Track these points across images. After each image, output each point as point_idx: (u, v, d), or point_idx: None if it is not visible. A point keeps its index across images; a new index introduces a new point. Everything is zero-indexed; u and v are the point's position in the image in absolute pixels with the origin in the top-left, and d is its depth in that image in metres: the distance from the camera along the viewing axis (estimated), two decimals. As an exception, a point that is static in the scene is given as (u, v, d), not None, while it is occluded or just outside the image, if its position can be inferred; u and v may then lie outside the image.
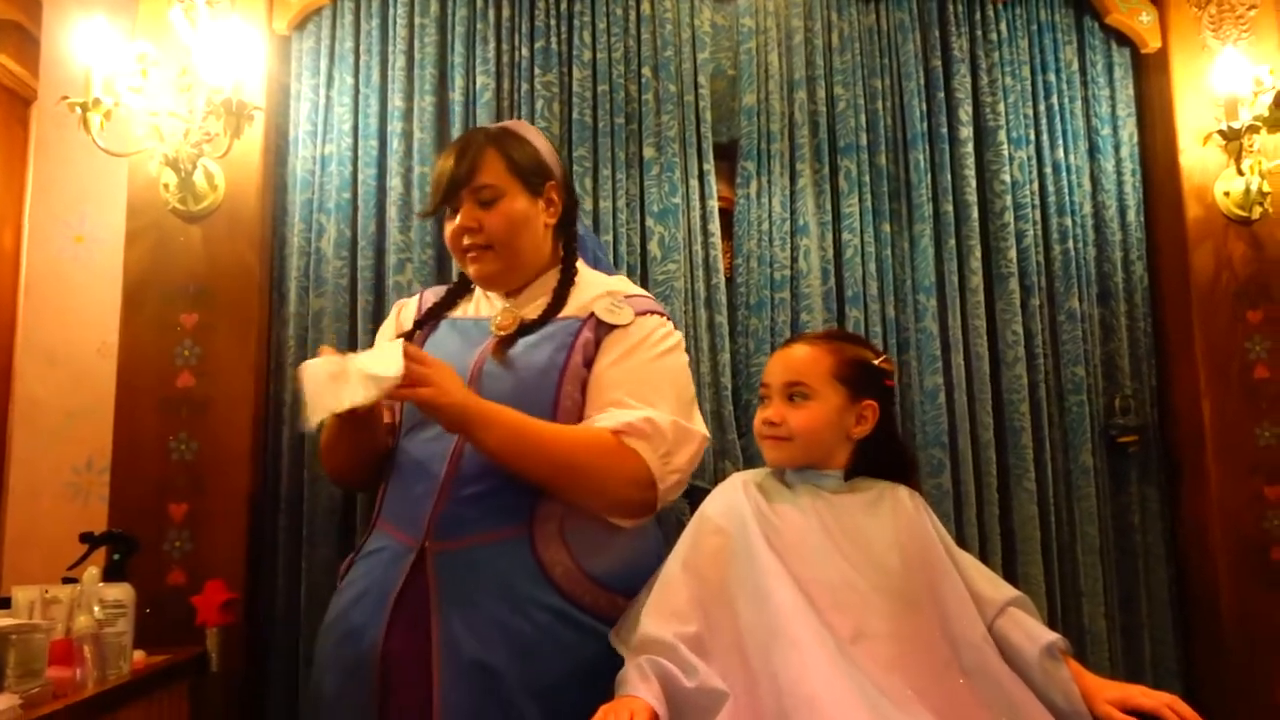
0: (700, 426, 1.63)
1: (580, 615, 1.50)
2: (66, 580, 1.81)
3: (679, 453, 1.56)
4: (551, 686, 1.44)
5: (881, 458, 1.57)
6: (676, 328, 2.07)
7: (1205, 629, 2.31)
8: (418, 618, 1.49)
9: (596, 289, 1.71)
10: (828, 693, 1.23)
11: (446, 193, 1.67)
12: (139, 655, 1.76)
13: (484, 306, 1.75)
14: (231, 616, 1.98)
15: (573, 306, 1.67)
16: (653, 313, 1.69)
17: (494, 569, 1.50)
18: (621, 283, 1.77)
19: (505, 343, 1.63)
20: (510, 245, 1.66)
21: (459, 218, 1.66)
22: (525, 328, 1.65)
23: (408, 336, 1.72)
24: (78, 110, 1.98)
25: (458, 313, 1.77)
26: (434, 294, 1.84)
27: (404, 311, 1.83)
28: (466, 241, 1.67)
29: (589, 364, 1.62)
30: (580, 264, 1.78)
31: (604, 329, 1.63)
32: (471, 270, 1.71)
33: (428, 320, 1.77)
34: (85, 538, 1.90)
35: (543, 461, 1.51)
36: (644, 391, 1.58)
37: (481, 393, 1.55)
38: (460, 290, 1.81)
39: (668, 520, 1.93)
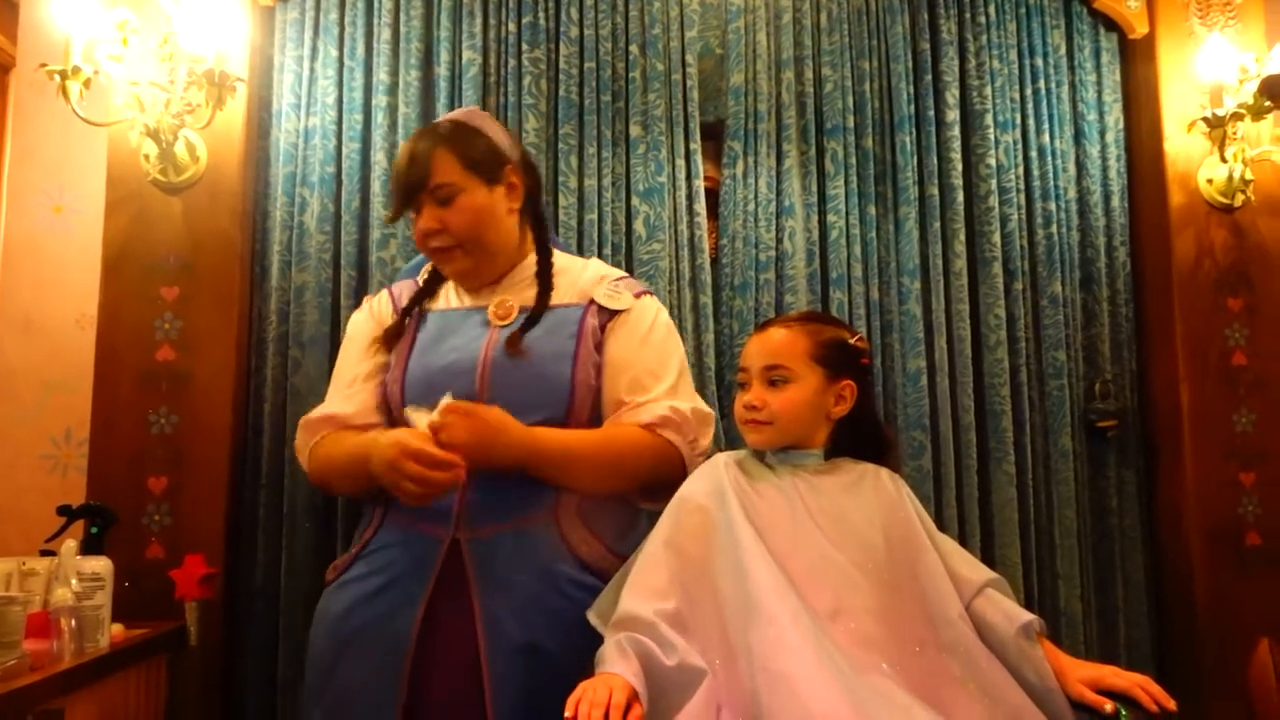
0: (705, 404, 1.70)
1: (602, 586, 1.53)
2: (44, 553, 1.80)
3: (703, 436, 1.65)
4: (589, 656, 1.45)
5: (861, 437, 1.59)
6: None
7: (1179, 612, 2.34)
8: (456, 605, 1.51)
9: (588, 274, 1.73)
10: (801, 669, 1.24)
11: (404, 197, 1.67)
12: (118, 628, 1.76)
13: (466, 295, 1.74)
14: (211, 591, 1.97)
15: (571, 294, 1.69)
16: (646, 293, 1.74)
17: (528, 551, 1.53)
18: (604, 266, 1.79)
19: (512, 333, 1.63)
20: (477, 240, 1.65)
21: (421, 221, 1.66)
22: (527, 317, 1.65)
23: (395, 329, 1.72)
24: (56, 78, 1.95)
25: (440, 304, 1.75)
26: (404, 288, 1.81)
27: (377, 305, 1.79)
28: (433, 244, 1.66)
29: (599, 347, 1.65)
30: (555, 254, 1.77)
31: (606, 314, 1.67)
32: (445, 270, 1.71)
33: (410, 312, 1.75)
34: (63, 510, 1.89)
35: (592, 474, 1.57)
36: (657, 372, 1.65)
37: (494, 385, 1.58)
38: (437, 279, 1.79)
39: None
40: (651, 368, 1.65)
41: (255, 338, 2.20)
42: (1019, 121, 2.45)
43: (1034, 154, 2.45)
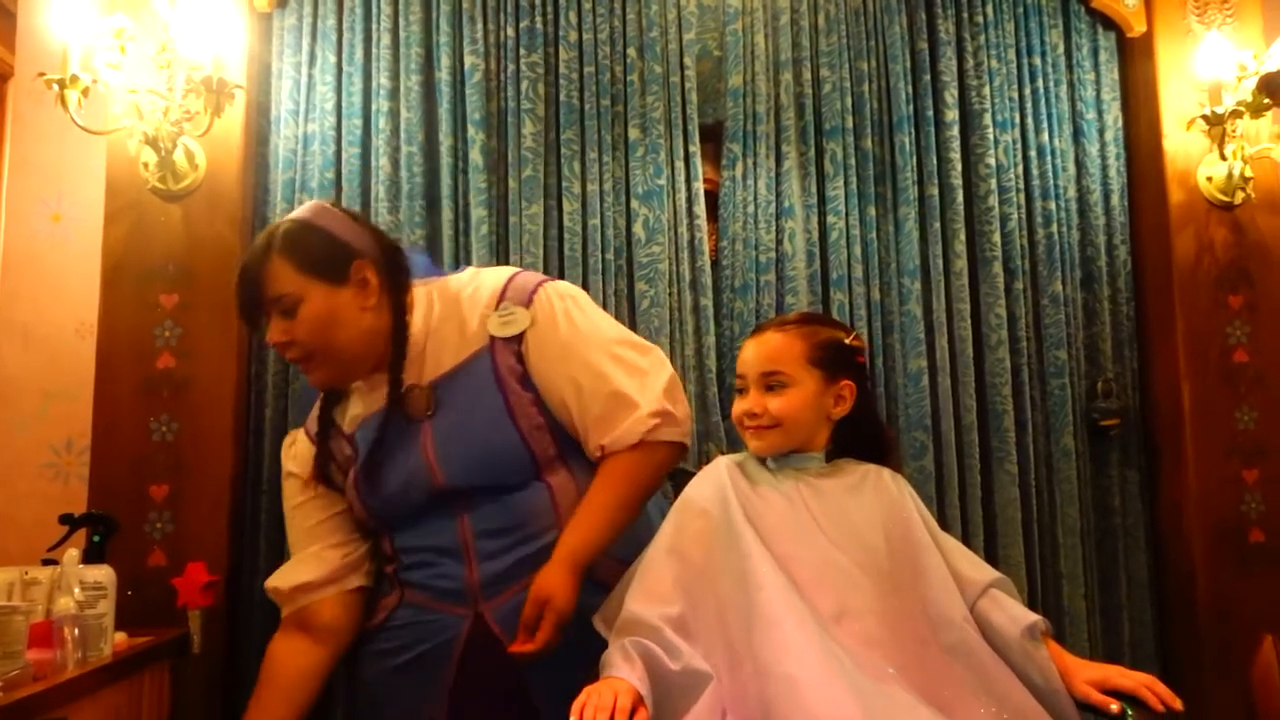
0: (658, 357, 1.64)
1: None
2: (46, 562, 1.80)
3: (680, 403, 1.62)
4: None
5: (861, 437, 1.59)
6: (659, 310, 2.07)
7: (1182, 610, 2.33)
8: (490, 671, 1.54)
9: (475, 307, 1.63)
10: (806, 672, 1.24)
11: (248, 316, 1.61)
12: (120, 637, 1.76)
13: (370, 403, 1.65)
14: (213, 598, 1.97)
15: (469, 341, 1.62)
16: (538, 289, 1.63)
17: None
18: (488, 282, 1.66)
19: (439, 416, 1.59)
20: (329, 347, 1.57)
21: (269, 335, 1.59)
22: (442, 386, 1.61)
23: (321, 468, 1.67)
24: (55, 87, 1.95)
25: (357, 408, 1.66)
26: (313, 415, 1.72)
27: (299, 452, 1.72)
28: (289, 356, 1.60)
29: (523, 382, 1.60)
30: (420, 289, 1.68)
31: (514, 343, 1.60)
32: (310, 382, 1.65)
33: (327, 440, 1.67)
34: (65, 519, 1.88)
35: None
36: (599, 369, 1.58)
37: (451, 479, 1.57)
38: (333, 399, 1.70)
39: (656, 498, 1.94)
40: (593, 368, 1.58)
41: (255, 344, 2.20)
42: (1018, 121, 2.45)
43: (1033, 153, 2.44)
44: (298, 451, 1.72)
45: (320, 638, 1.65)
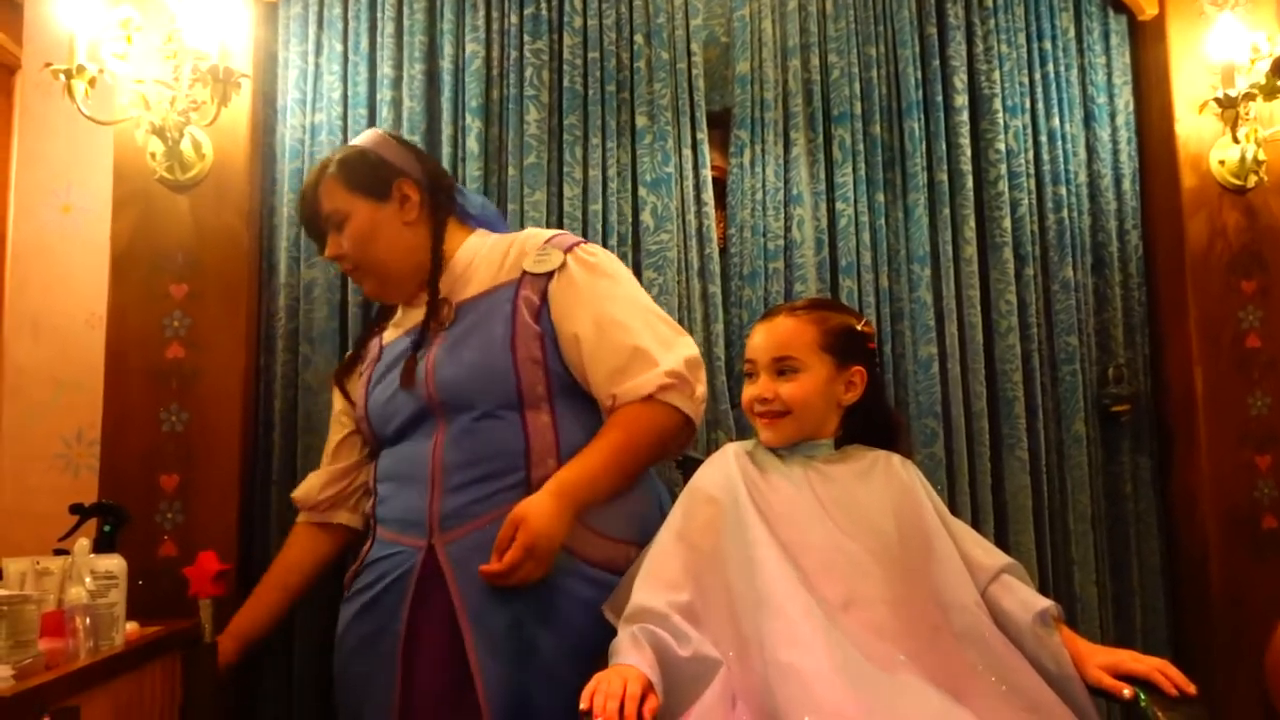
0: (689, 341, 1.68)
1: (593, 570, 1.55)
2: (58, 552, 1.80)
3: (700, 383, 1.64)
4: (582, 645, 1.49)
5: (871, 423, 1.58)
6: (667, 297, 2.07)
7: (1195, 596, 2.32)
8: (440, 610, 1.54)
9: (518, 246, 1.72)
10: (810, 661, 1.23)
11: (312, 233, 1.81)
12: (132, 626, 1.76)
13: (410, 314, 1.78)
14: (224, 588, 1.96)
15: (502, 272, 1.69)
16: (579, 244, 1.71)
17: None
18: (539, 234, 1.76)
19: (450, 332, 1.66)
20: (371, 258, 1.72)
21: (326, 251, 1.77)
22: (462, 309, 1.68)
23: (345, 371, 1.88)
24: (62, 77, 1.95)
25: (391, 333, 1.81)
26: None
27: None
28: (342, 269, 1.77)
29: (538, 317, 1.64)
30: (477, 235, 1.80)
31: (540, 280, 1.66)
32: (364, 294, 1.83)
33: (361, 352, 1.85)
34: (75, 509, 1.89)
35: (622, 478, 1.59)
36: (624, 322, 1.62)
37: (442, 390, 1.62)
38: (386, 311, 1.87)
39: (665, 479, 1.95)
40: (617, 319, 1.62)
41: (264, 334, 2.20)
42: (1028, 106, 2.43)
43: (1044, 138, 2.42)
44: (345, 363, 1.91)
45: (331, 533, 1.89)
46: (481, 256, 1.73)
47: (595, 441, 1.59)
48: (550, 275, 1.66)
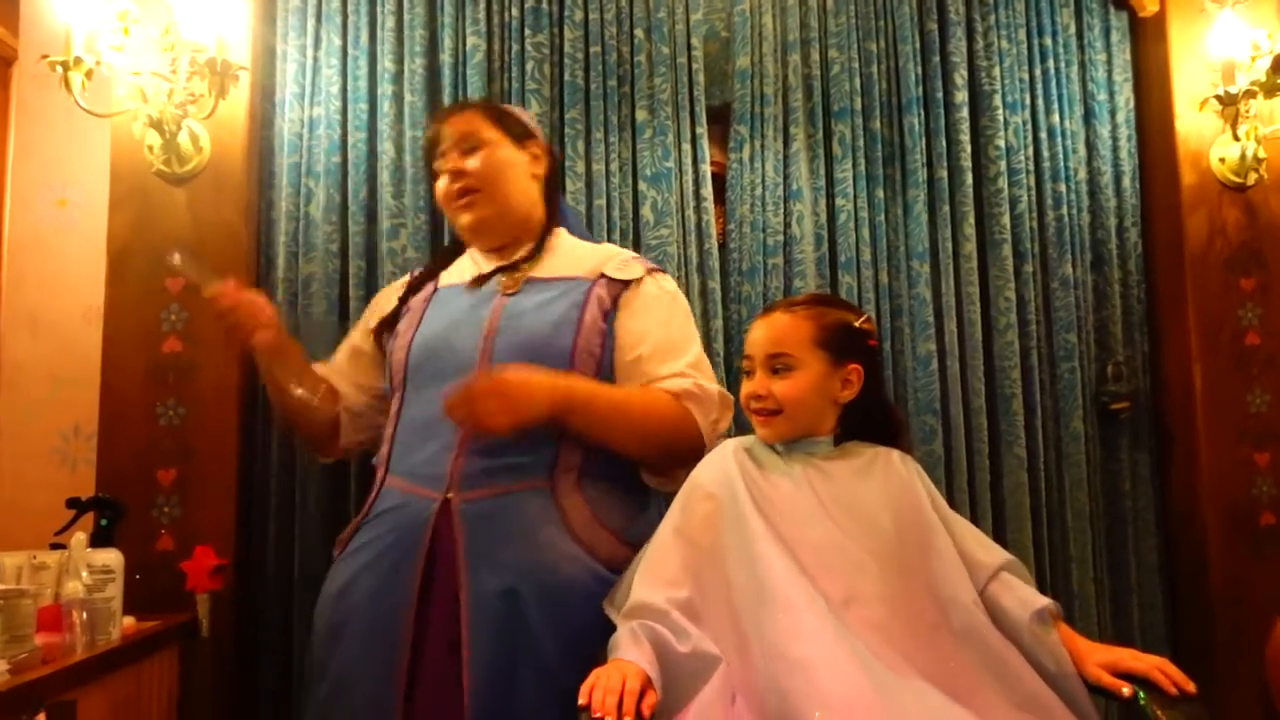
0: (725, 390, 1.71)
1: (598, 566, 1.53)
2: (54, 546, 1.80)
3: (723, 419, 1.68)
4: (576, 633, 1.47)
5: (870, 420, 1.57)
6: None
7: (1193, 594, 2.32)
8: (446, 568, 1.52)
9: (599, 253, 1.77)
10: (820, 654, 1.23)
11: (430, 148, 1.79)
12: (129, 621, 1.76)
13: (480, 264, 1.79)
14: (221, 582, 1.97)
15: (582, 268, 1.72)
16: (658, 270, 1.77)
17: (519, 516, 1.53)
18: (620, 249, 1.82)
19: (517, 300, 1.67)
20: (497, 186, 1.73)
21: (446, 164, 1.75)
22: (534, 286, 1.69)
23: (394, 315, 1.80)
24: (58, 69, 1.94)
25: (453, 278, 1.79)
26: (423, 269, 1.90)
27: (385, 294, 1.90)
28: (456, 186, 1.73)
29: (605, 317, 1.67)
30: (564, 231, 1.83)
31: (616, 286, 1.69)
32: (464, 219, 1.76)
33: (420, 286, 1.81)
34: (72, 503, 1.89)
35: (617, 423, 1.58)
36: (678, 346, 1.67)
37: (495, 352, 1.60)
38: (451, 255, 1.87)
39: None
40: (673, 340, 1.67)
41: (261, 329, 2.19)
42: (1028, 102, 2.42)
43: (1044, 135, 2.42)
44: (393, 288, 1.90)
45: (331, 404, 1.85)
46: (565, 249, 1.78)
47: (612, 386, 1.62)
48: (627, 284, 1.70)
